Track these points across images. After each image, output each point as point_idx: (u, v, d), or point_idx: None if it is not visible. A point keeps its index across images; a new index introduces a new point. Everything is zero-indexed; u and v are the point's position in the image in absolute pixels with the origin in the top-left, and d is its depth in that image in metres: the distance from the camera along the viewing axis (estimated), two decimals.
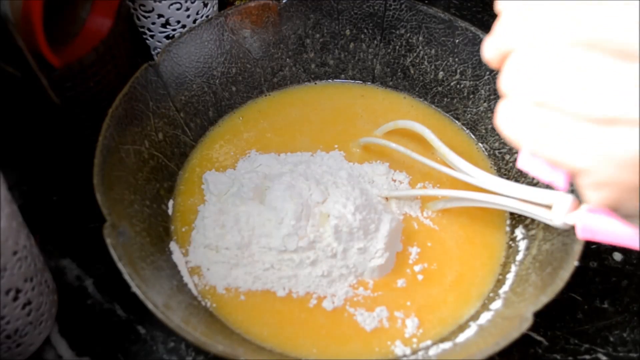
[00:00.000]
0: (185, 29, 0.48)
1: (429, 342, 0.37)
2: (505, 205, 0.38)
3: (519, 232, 0.42)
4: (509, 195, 0.38)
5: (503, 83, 0.23)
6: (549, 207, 0.35)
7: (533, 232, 0.41)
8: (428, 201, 0.44)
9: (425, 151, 0.46)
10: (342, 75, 0.53)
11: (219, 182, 0.43)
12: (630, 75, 0.19)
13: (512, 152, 0.45)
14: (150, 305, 0.32)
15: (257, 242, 0.39)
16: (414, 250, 0.42)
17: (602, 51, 0.20)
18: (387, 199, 0.44)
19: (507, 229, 0.43)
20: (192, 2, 0.48)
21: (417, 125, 0.46)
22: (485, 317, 0.38)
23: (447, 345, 0.37)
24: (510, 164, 0.45)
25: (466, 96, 0.49)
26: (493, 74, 0.46)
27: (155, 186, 0.42)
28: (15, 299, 0.33)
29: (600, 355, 0.40)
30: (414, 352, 0.37)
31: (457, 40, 0.47)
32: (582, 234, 0.33)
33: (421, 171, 0.46)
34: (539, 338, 0.40)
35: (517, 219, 0.43)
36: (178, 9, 0.48)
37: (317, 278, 0.39)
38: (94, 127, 0.38)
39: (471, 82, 0.48)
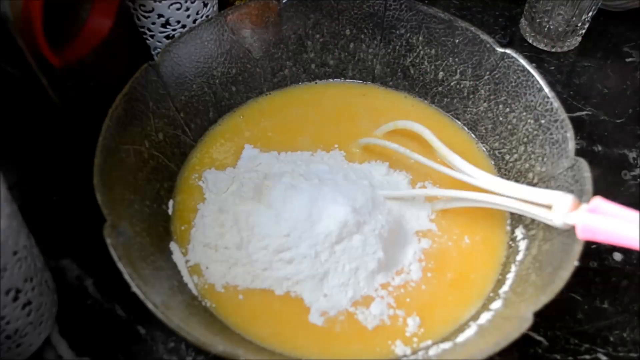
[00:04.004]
0: (185, 29, 0.48)
1: (429, 342, 0.37)
2: (505, 205, 0.38)
3: (519, 232, 0.42)
4: (509, 196, 0.38)
5: None
6: (549, 207, 0.35)
7: (533, 232, 0.41)
8: (428, 201, 0.44)
9: (425, 151, 0.46)
10: (342, 76, 0.53)
11: (219, 180, 0.44)
12: None
13: (512, 152, 0.45)
14: (150, 305, 0.32)
15: (256, 242, 0.39)
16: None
17: None
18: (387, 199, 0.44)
19: (507, 229, 0.43)
20: (192, 2, 0.48)
21: (417, 126, 0.46)
22: (485, 317, 0.37)
23: (447, 345, 0.37)
24: (510, 164, 0.45)
25: (466, 96, 0.48)
26: (493, 73, 0.46)
27: (155, 186, 0.42)
28: (15, 299, 0.33)
29: (600, 355, 0.40)
30: (414, 351, 0.37)
31: (457, 40, 0.47)
32: (582, 234, 0.33)
33: (421, 171, 0.46)
34: (539, 338, 0.40)
35: (517, 219, 0.43)
36: (178, 9, 0.47)
37: (316, 278, 0.39)
38: (94, 127, 0.38)
39: (471, 82, 0.48)
